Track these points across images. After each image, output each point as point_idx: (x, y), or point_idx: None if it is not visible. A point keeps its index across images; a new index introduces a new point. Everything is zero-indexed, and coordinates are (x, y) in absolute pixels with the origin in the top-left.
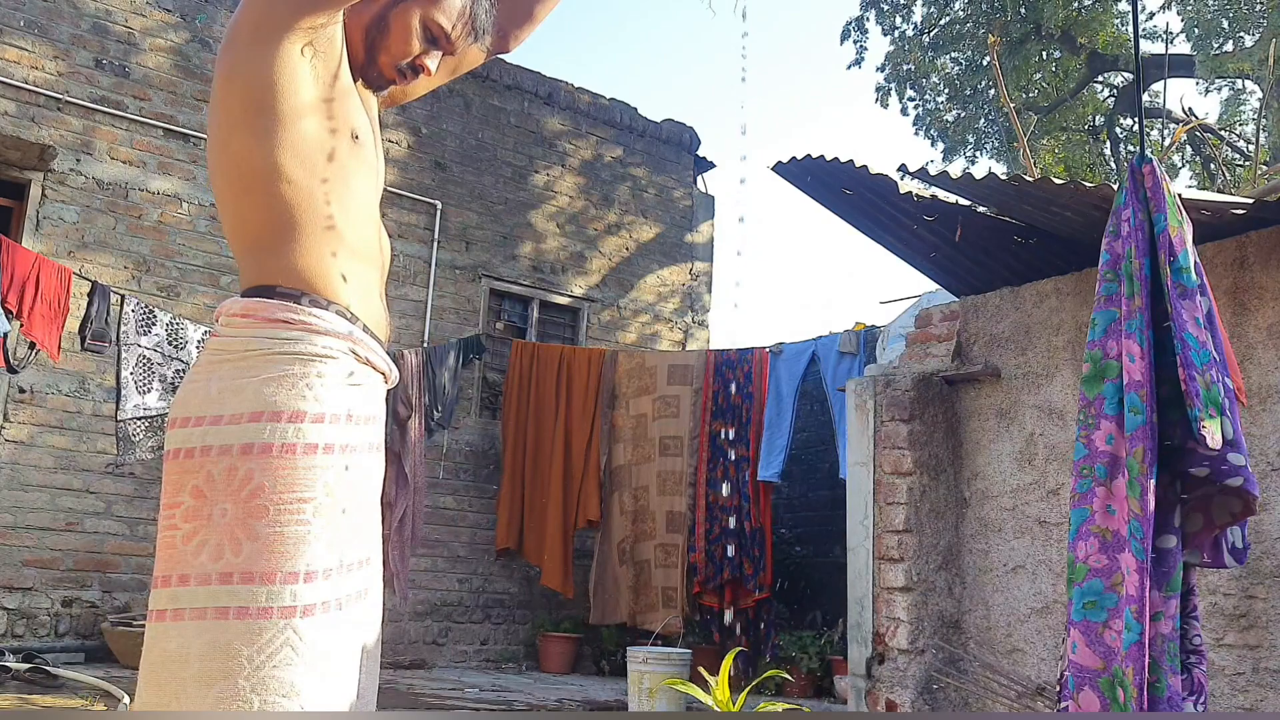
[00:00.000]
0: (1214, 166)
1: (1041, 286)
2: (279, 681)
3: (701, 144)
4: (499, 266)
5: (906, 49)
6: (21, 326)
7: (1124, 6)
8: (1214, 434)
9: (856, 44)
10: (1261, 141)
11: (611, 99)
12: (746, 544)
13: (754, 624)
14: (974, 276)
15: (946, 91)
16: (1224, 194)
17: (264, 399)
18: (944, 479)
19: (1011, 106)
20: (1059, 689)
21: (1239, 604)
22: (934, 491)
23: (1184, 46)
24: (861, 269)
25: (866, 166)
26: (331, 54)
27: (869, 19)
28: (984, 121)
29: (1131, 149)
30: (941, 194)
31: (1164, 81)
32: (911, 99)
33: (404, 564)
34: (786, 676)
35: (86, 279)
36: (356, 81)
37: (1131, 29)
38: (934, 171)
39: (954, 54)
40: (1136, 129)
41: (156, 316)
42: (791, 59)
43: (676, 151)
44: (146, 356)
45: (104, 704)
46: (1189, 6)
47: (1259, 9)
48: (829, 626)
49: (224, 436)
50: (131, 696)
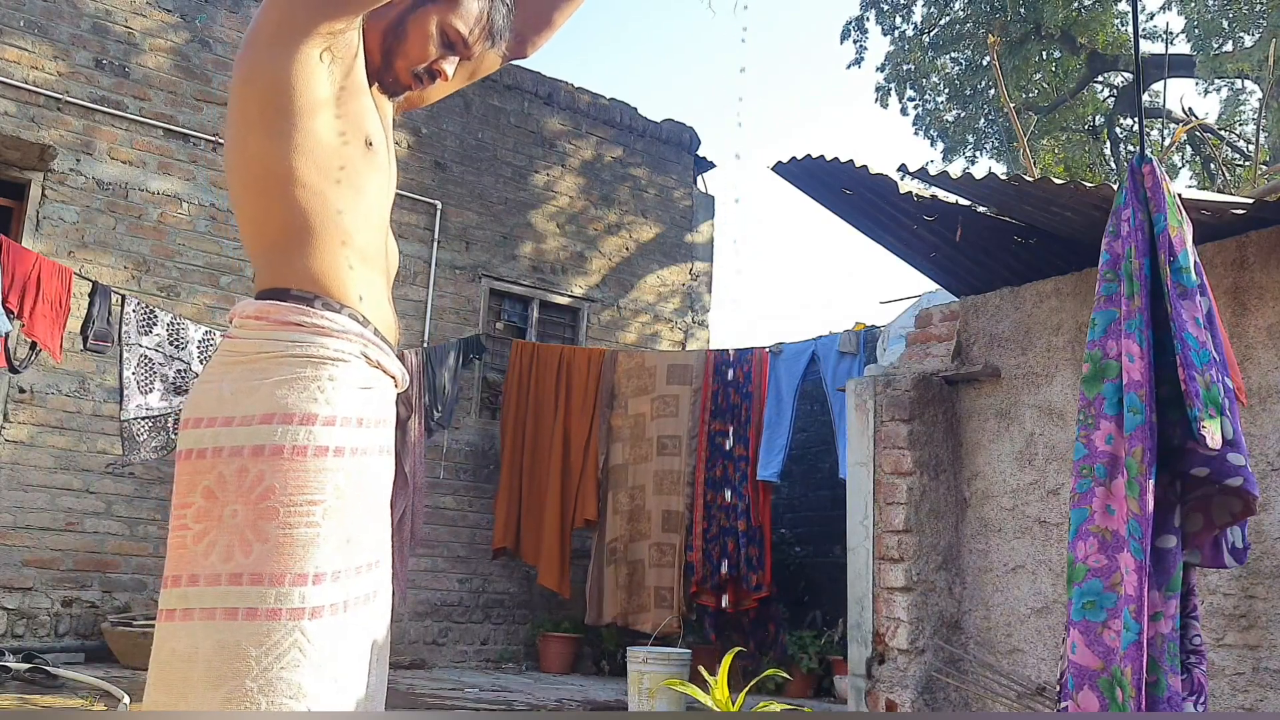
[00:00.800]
0: (1214, 166)
1: (1041, 286)
2: (286, 683)
3: (701, 144)
4: (499, 266)
5: (906, 49)
6: (23, 327)
7: (1124, 6)
8: (1214, 434)
9: (856, 44)
10: (1261, 141)
11: (611, 99)
12: (745, 544)
13: (753, 624)
14: (974, 276)
15: (946, 91)
16: (1224, 194)
17: (276, 401)
18: (944, 479)
19: (1011, 106)
20: (1059, 689)
21: (1239, 604)
22: (934, 491)
23: (1184, 46)
24: (861, 269)
25: (866, 166)
26: (347, 59)
27: (869, 19)
28: (984, 121)
29: (1131, 149)
30: (941, 194)
31: (1164, 81)
32: (911, 99)
33: (403, 564)
34: (786, 676)
35: (87, 279)
36: (372, 86)
37: (1131, 29)
38: (934, 171)
39: (954, 54)
40: (1136, 129)
41: (157, 317)
42: (791, 59)
43: (676, 151)
44: (148, 356)
45: (104, 704)
46: (1189, 6)
47: (1259, 9)
48: (829, 626)
49: (235, 438)
50: (132, 697)
